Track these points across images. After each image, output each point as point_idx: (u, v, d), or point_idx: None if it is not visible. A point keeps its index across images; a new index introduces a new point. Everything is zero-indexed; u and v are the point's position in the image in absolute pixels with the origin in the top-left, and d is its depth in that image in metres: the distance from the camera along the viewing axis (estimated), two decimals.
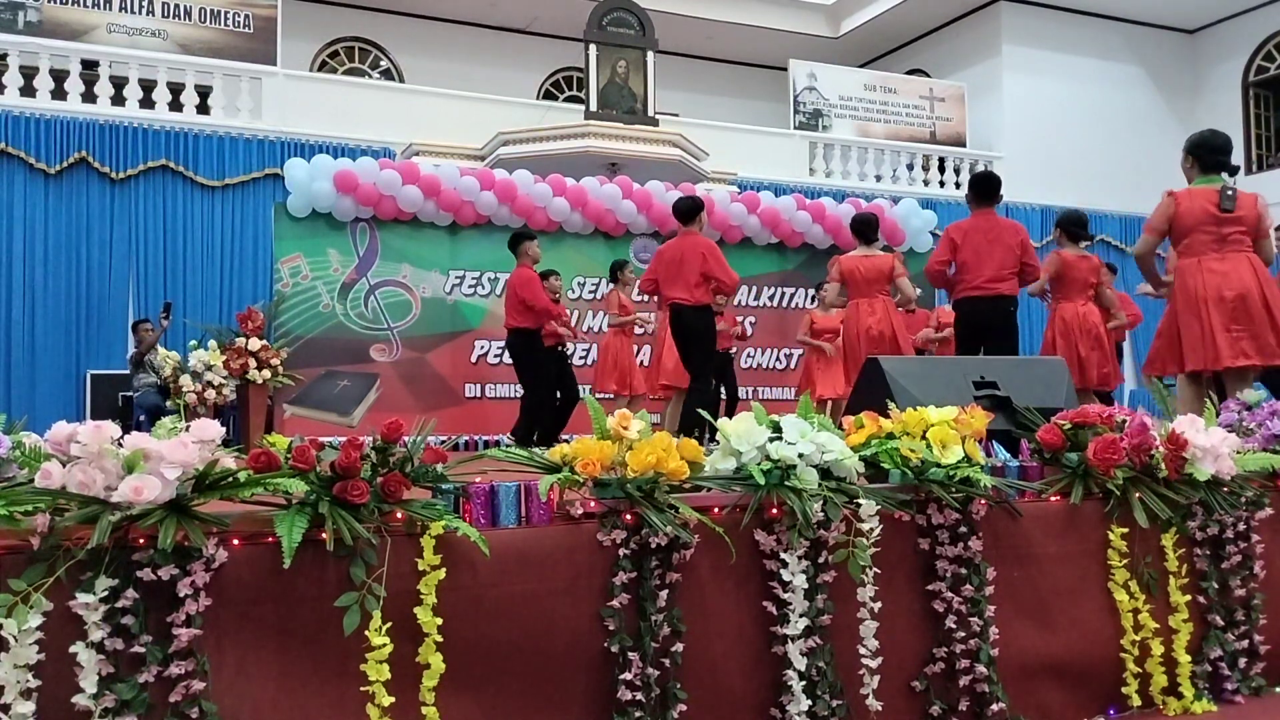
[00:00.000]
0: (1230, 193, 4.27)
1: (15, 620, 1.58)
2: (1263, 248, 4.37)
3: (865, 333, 6.34)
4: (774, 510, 2.19)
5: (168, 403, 7.78)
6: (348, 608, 1.79)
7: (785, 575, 2.16)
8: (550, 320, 7.24)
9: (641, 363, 8.64)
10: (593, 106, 11.26)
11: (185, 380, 7.28)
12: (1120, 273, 8.68)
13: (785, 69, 14.39)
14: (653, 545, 2.06)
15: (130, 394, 9.12)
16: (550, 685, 2.00)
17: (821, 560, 2.21)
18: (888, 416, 2.53)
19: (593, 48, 11.34)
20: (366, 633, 1.79)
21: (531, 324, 7.03)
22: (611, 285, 8.22)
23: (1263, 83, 15.16)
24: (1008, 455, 2.88)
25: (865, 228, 6.62)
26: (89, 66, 10.73)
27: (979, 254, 5.51)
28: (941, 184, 14.51)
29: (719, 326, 7.28)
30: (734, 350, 9.02)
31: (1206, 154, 4.41)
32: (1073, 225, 6.09)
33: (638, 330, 8.24)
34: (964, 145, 14.88)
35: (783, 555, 2.17)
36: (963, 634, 2.33)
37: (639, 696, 2.00)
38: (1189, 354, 4.30)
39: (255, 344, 7.22)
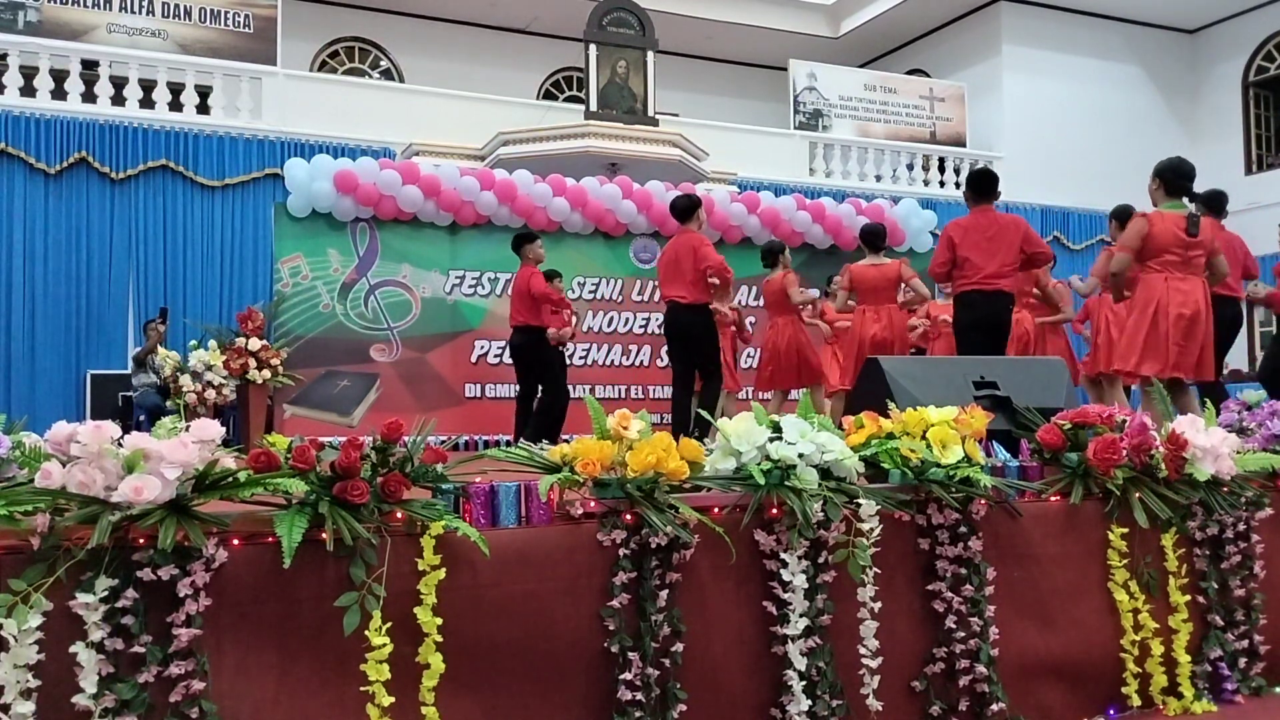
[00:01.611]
0: (1196, 220, 4.72)
1: (15, 620, 1.57)
2: (1216, 264, 4.85)
3: (870, 339, 6.57)
4: (774, 510, 2.19)
5: (168, 403, 7.77)
6: (348, 608, 1.79)
7: (785, 575, 2.16)
8: (564, 309, 7.25)
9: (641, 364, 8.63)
10: (593, 106, 11.26)
11: (185, 380, 7.28)
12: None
13: (785, 69, 14.39)
14: (653, 545, 2.06)
15: (130, 394, 9.12)
16: (550, 685, 2.00)
17: (821, 560, 2.21)
18: (888, 416, 2.53)
19: (593, 48, 11.33)
20: (366, 633, 1.79)
21: (538, 321, 7.04)
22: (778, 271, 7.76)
23: (1263, 83, 15.16)
24: (1008, 455, 2.88)
25: (874, 237, 6.87)
26: (89, 66, 10.73)
27: (980, 250, 5.55)
28: (941, 184, 14.50)
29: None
30: (737, 351, 9.01)
31: (1175, 179, 4.82)
32: None
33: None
34: (964, 145, 14.88)
35: (783, 555, 2.17)
36: (963, 634, 2.33)
37: (639, 696, 2.00)
38: (1147, 358, 4.67)
39: (255, 344, 7.22)
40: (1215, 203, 5.81)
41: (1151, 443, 2.67)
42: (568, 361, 8.47)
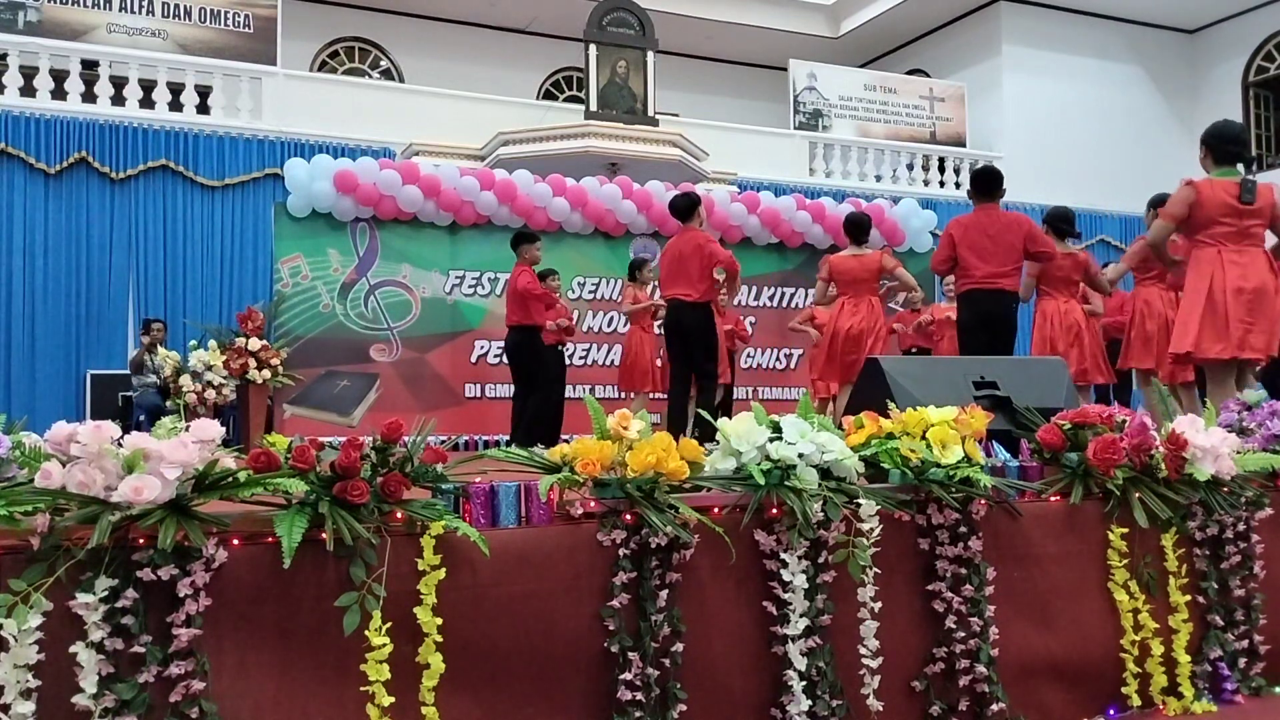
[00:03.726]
0: (1251, 185, 4.28)
1: (15, 620, 1.57)
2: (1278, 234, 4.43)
3: (846, 332, 6.37)
4: (774, 510, 2.19)
5: (168, 403, 7.78)
6: (348, 608, 1.79)
7: (785, 575, 2.16)
8: (553, 306, 7.22)
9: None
10: (593, 106, 11.26)
11: (185, 380, 7.28)
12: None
13: (785, 69, 14.39)
14: (653, 545, 2.06)
15: (130, 394, 9.13)
16: (550, 685, 2.00)
17: (821, 560, 2.21)
18: (888, 416, 2.53)
19: (593, 48, 11.34)
20: (366, 633, 1.79)
21: (531, 321, 7.03)
22: (629, 283, 8.14)
23: (1263, 83, 15.16)
24: (1008, 455, 2.88)
25: (856, 229, 6.64)
26: (89, 66, 10.74)
27: (979, 249, 5.52)
28: (941, 184, 14.51)
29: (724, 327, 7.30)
30: (735, 350, 9.02)
31: (1222, 145, 4.43)
32: (1059, 222, 6.12)
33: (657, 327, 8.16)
34: (964, 145, 14.89)
35: (783, 555, 2.17)
36: (963, 634, 2.33)
37: (639, 696, 2.00)
38: (1207, 341, 4.28)
39: (255, 344, 7.23)
40: None
41: (1151, 443, 2.67)
42: (567, 361, 8.47)
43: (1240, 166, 4.42)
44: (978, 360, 3.83)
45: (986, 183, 5.72)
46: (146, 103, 10.78)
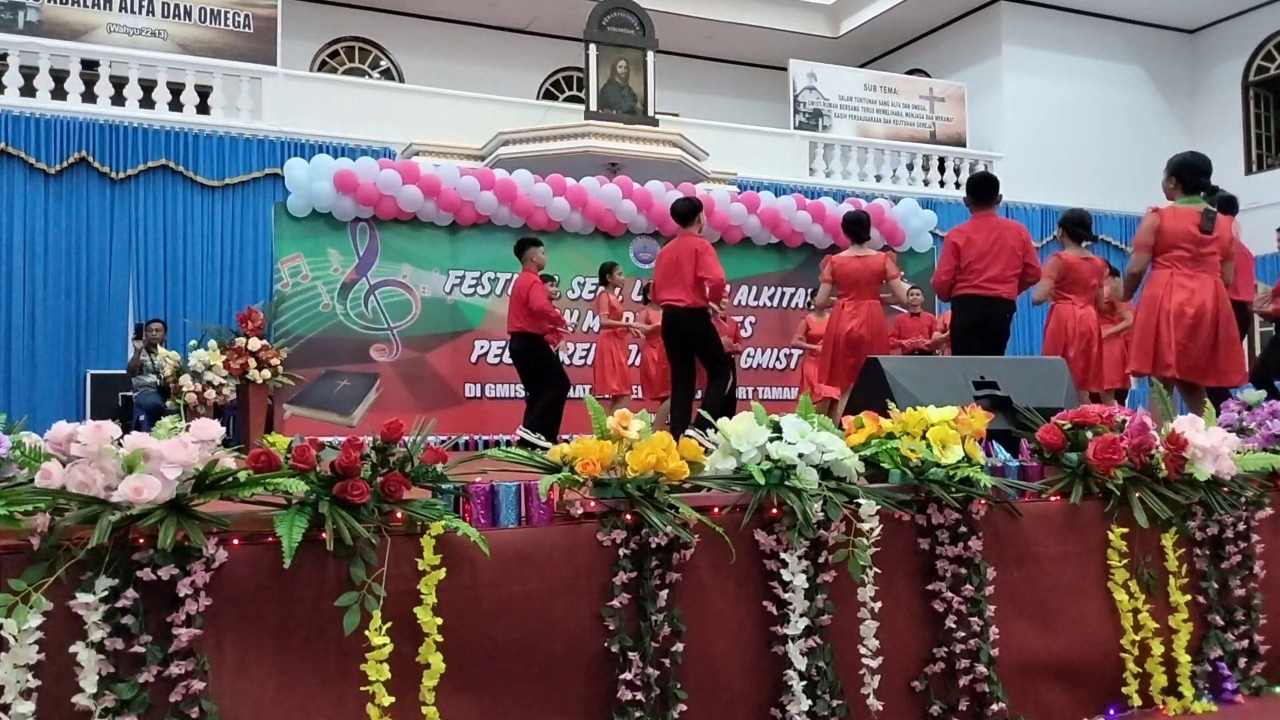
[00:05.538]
0: (1211, 215, 4.52)
1: (15, 620, 1.57)
2: (1227, 269, 4.64)
3: (846, 335, 6.16)
4: (774, 510, 2.19)
5: (168, 403, 7.76)
6: (348, 608, 1.79)
7: (785, 575, 2.16)
8: (552, 326, 7.20)
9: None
10: (593, 106, 11.26)
11: (185, 380, 7.27)
12: (1121, 275, 8.66)
13: (785, 69, 14.39)
14: (653, 545, 2.06)
15: (130, 394, 9.12)
16: (550, 685, 2.00)
17: (821, 560, 2.21)
18: (888, 416, 2.53)
19: (593, 48, 11.34)
20: (366, 633, 1.79)
21: (535, 329, 7.00)
22: (601, 287, 8.22)
23: (1263, 83, 15.16)
24: (1008, 455, 2.88)
25: (856, 227, 6.41)
26: (89, 66, 10.73)
27: (982, 256, 5.48)
28: (941, 184, 14.50)
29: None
30: (733, 355, 9.03)
31: (1189, 175, 4.63)
32: (1075, 225, 6.00)
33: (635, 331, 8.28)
34: (964, 145, 14.88)
35: (783, 555, 2.17)
36: (963, 634, 2.33)
37: (639, 696, 2.00)
38: (1140, 357, 4.52)
39: (255, 344, 7.21)
40: (1226, 206, 5.67)
41: (1151, 443, 2.67)
42: (566, 361, 8.47)
43: (1202, 196, 4.64)
44: (978, 360, 3.82)
45: (984, 189, 5.67)
46: (146, 103, 10.78)
